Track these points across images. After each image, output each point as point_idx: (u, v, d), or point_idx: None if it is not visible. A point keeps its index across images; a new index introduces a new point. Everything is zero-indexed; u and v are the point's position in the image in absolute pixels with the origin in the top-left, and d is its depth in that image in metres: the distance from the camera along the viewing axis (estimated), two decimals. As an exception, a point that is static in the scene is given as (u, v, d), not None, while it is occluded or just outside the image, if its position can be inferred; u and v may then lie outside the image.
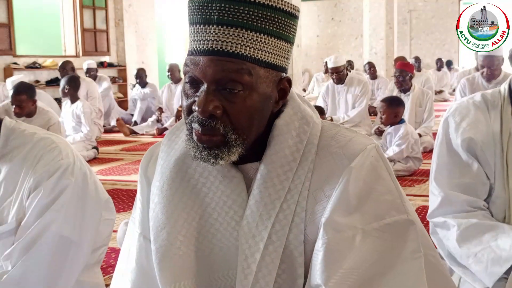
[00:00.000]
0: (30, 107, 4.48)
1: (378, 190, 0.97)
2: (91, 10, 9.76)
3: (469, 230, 1.59)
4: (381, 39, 12.81)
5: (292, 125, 1.01)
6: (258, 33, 0.92)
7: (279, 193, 0.97)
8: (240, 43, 0.91)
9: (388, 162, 1.03)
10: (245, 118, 0.94)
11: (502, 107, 1.68)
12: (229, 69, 0.91)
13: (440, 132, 1.76)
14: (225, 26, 0.91)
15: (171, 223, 1.01)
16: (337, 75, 6.26)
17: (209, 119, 0.92)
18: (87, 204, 1.61)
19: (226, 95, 0.93)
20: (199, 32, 0.93)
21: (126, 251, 1.13)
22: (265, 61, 0.94)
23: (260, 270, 0.96)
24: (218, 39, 0.91)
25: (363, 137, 1.03)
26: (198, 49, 0.93)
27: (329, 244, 0.93)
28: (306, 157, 0.99)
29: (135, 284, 1.06)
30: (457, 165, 1.69)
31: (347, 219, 0.94)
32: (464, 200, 1.66)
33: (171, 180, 1.03)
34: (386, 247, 0.94)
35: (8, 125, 1.62)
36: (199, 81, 0.94)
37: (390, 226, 0.95)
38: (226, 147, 0.94)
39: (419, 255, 0.95)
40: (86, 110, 5.77)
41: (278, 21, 0.94)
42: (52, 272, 1.53)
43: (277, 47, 0.95)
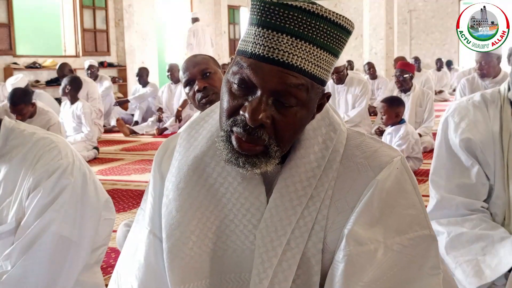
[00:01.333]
0: (29, 111, 4.49)
1: (402, 204, 0.96)
2: (91, 10, 9.76)
3: (458, 239, 1.59)
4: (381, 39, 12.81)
5: (319, 130, 1.00)
6: (323, 49, 0.90)
7: (301, 199, 0.96)
8: (305, 58, 0.89)
9: (413, 175, 1.02)
10: (290, 131, 0.93)
11: (501, 107, 1.68)
12: (291, 83, 0.88)
13: (439, 132, 1.75)
14: (295, 37, 0.88)
15: (185, 223, 0.99)
16: (337, 75, 6.26)
17: (256, 128, 0.89)
18: (87, 204, 1.60)
19: (278, 107, 0.90)
20: (266, 37, 0.88)
21: (132, 247, 1.10)
22: (320, 78, 0.92)
23: (276, 276, 0.95)
24: (287, 51, 0.88)
25: (388, 149, 1.01)
26: (262, 55, 0.88)
27: (351, 256, 0.92)
28: (331, 165, 0.98)
29: (142, 282, 1.04)
30: (457, 166, 1.68)
31: (369, 232, 0.93)
32: (460, 202, 1.65)
33: (188, 177, 1.01)
34: (406, 261, 0.94)
35: (8, 125, 1.62)
36: (252, 86, 0.90)
37: (412, 241, 0.95)
38: (266, 157, 0.92)
39: (438, 271, 0.95)
40: (86, 111, 5.76)
41: (338, 38, 0.92)
42: (51, 271, 1.53)
43: (331, 64, 0.93)
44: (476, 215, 1.63)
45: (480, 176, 1.65)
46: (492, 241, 1.54)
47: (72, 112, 5.82)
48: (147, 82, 8.24)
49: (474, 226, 1.60)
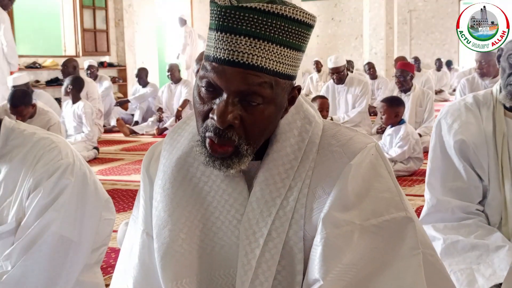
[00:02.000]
0: (30, 112, 4.49)
1: (377, 188, 0.98)
2: (91, 10, 9.76)
3: (453, 246, 1.59)
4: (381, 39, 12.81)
5: (294, 124, 1.02)
6: (283, 46, 0.92)
7: (280, 191, 0.99)
8: (265, 56, 0.91)
9: (388, 161, 1.04)
10: (259, 128, 0.96)
11: (494, 107, 1.68)
12: (253, 83, 0.91)
13: (433, 135, 1.76)
14: (253, 38, 0.90)
15: (173, 221, 1.02)
16: (338, 75, 6.25)
17: (226, 129, 0.93)
18: (87, 204, 1.61)
19: (245, 106, 0.93)
20: (225, 40, 0.91)
21: (128, 248, 1.13)
22: (285, 74, 0.95)
23: (260, 266, 0.97)
24: (246, 52, 0.90)
25: (363, 136, 1.04)
26: (223, 58, 0.91)
27: (328, 239, 0.94)
28: (307, 156, 1.00)
29: (137, 281, 1.07)
30: (450, 169, 1.68)
31: (345, 215, 0.95)
32: (456, 206, 1.65)
33: (173, 178, 1.04)
34: (384, 243, 0.95)
35: (8, 125, 1.62)
36: (218, 89, 0.93)
37: (388, 223, 0.96)
38: (238, 157, 0.96)
39: (417, 252, 0.96)
40: (87, 111, 5.76)
41: (299, 33, 0.94)
42: (52, 272, 1.53)
43: (295, 58, 0.96)
44: (472, 220, 1.63)
45: (472, 179, 1.65)
46: (487, 250, 1.54)
47: (73, 111, 5.81)
48: (147, 83, 8.24)
49: (470, 233, 1.60)
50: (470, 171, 1.65)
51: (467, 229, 1.61)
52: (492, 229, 1.61)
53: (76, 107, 5.82)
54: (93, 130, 5.79)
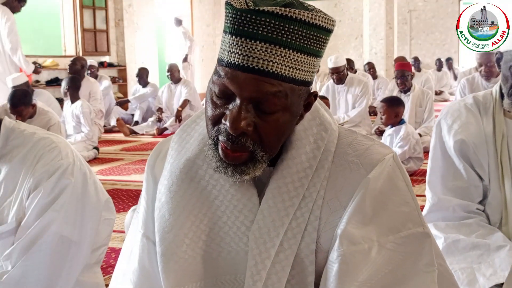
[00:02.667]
0: (29, 112, 4.49)
1: (395, 201, 0.96)
2: (91, 10, 9.75)
3: (454, 245, 1.60)
4: (381, 39, 12.81)
5: (310, 130, 0.99)
6: (300, 52, 0.88)
7: (293, 200, 0.96)
8: (281, 63, 0.87)
9: (405, 172, 1.02)
10: (274, 136, 0.92)
11: (494, 108, 1.69)
12: (267, 91, 0.88)
13: (433, 135, 1.77)
14: (269, 43, 0.86)
15: (178, 225, 0.99)
16: (337, 75, 6.25)
17: (239, 135, 0.90)
18: (87, 204, 1.60)
19: (260, 113, 0.90)
20: (240, 45, 0.87)
21: (127, 251, 1.12)
22: (301, 80, 0.91)
23: (270, 277, 0.95)
24: (261, 58, 0.86)
25: (380, 146, 1.01)
26: (237, 63, 0.87)
27: (345, 256, 0.92)
28: (323, 165, 0.98)
29: (137, 286, 1.05)
30: (450, 169, 1.69)
31: (363, 231, 0.93)
32: (457, 204, 1.65)
33: (180, 180, 1.01)
34: (400, 259, 0.94)
35: (8, 125, 1.62)
36: (231, 94, 0.90)
37: (406, 239, 0.94)
38: (252, 162, 0.92)
39: (432, 268, 0.95)
40: (85, 110, 5.75)
41: (317, 38, 0.90)
42: (52, 272, 1.53)
43: (312, 65, 0.92)
44: (473, 219, 1.64)
45: (472, 178, 1.66)
46: (488, 250, 1.54)
47: (72, 111, 5.81)
48: (147, 82, 8.24)
49: (471, 232, 1.60)
50: (470, 170, 1.65)
51: (468, 228, 1.61)
52: (493, 229, 1.61)
53: (74, 107, 5.81)
54: (93, 130, 5.78)
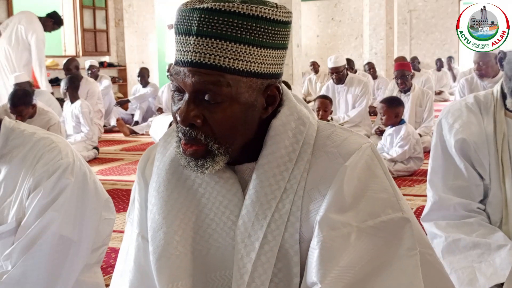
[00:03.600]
0: (30, 112, 4.49)
1: (373, 188, 0.98)
2: (91, 10, 9.76)
3: (455, 244, 1.60)
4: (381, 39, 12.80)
5: (288, 125, 1.01)
6: (238, 43, 0.91)
7: (275, 193, 0.98)
8: (219, 54, 0.91)
9: (383, 161, 1.04)
10: (226, 127, 0.95)
11: (495, 108, 1.69)
12: (207, 81, 0.92)
13: (434, 134, 1.77)
14: (204, 37, 0.91)
15: (167, 224, 1.01)
16: (337, 75, 6.25)
17: (190, 128, 0.94)
18: (87, 204, 1.61)
19: (207, 105, 0.94)
20: (180, 42, 0.94)
21: (124, 251, 1.13)
22: (247, 71, 0.93)
23: (256, 270, 0.97)
24: (197, 51, 0.91)
25: (358, 137, 1.03)
26: (179, 59, 0.94)
27: (325, 241, 0.93)
28: (302, 157, 1.00)
29: (133, 284, 1.06)
30: (451, 168, 1.69)
31: (342, 217, 0.94)
32: (458, 203, 1.66)
33: (167, 181, 1.04)
34: (381, 244, 0.95)
35: (8, 125, 1.62)
36: (182, 91, 0.96)
37: (385, 224, 0.96)
38: (210, 156, 0.96)
39: (414, 252, 0.96)
40: (84, 110, 5.75)
41: (260, 30, 0.92)
42: (52, 272, 1.53)
43: (261, 56, 0.93)
44: (474, 218, 1.64)
45: (473, 177, 1.66)
46: (489, 249, 1.54)
47: (71, 111, 5.81)
48: (147, 82, 8.24)
49: (472, 231, 1.60)
50: (471, 169, 1.66)
51: (469, 228, 1.61)
52: (494, 228, 1.61)
53: (73, 107, 5.81)
54: (92, 129, 5.78)
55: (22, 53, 6.64)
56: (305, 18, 14.94)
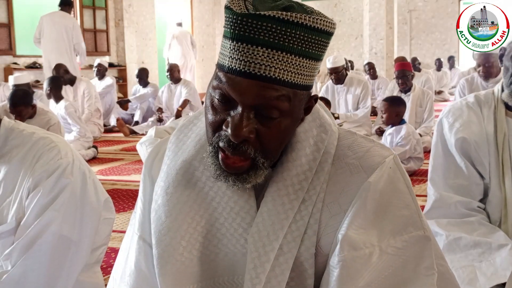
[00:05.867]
0: (29, 113, 4.49)
1: (396, 205, 0.95)
2: (91, 10, 9.76)
3: (456, 243, 1.60)
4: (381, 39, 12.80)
5: (310, 132, 0.98)
6: (302, 57, 0.87)
7: (293, 203, 0.95)
8: (284, 68, 0.86)
9: (406, 173, 1.01)
10: (277, 142, 0.91)
11: (495, 107, 1.69)
12: (270, 97, 0.86)
13: (435, 133, 1.77)
14: (271, 49, 0.85)
15: (174, 228, 0.99)
16: (336, 75, 6.26)
17: (241, 143, 0.88)
18: (87, 204, 1.60)
19: (261, 119, 0.89)
20: (241, 50, 0.85)
21: (124, 253, 1.11)
22: (303, 85, 0.90)
23: (269, 281, 0.94)
24: (263, 63, 0.85)
25: (380, 148, 1.00)
26: (239, 69, 0.86)
27: (346, 261, 0.91)
28: (322, 167, 0.97)
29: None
30: (452, 166, 1.70)
31: (364, 236, 0.92)
32: (458, 201, 1.66)
33: (177, 182, 1.00)
34: (401, 263, 0.93)
35: (7, 125, 1.62)
36: (233, 101, 0.88)
37: (406, 243, 0.94)
38: (253, 170, 0.91)
39: (432, 272, 0.95)
40: (69, 111, 5.74)
41: (318, 42, 0.88)
42: (51, 271, 1.52)
43: (313, 69, 0.91)
44: (474, 217, 1.64)
45: (473, 176, 1.66)
46: (490, 248, 1.55)
47: (57, 113, 5.81)
48: (147, 83, 8.24)
49: (473, 230, 1.61)
50: (471, 168, 1.66)
51: (470, 226, 1.61)
52: (495, 228, 1.62)
53: (58, 108, 5.80)
54: (84, 127, 5.76)
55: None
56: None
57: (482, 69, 4.58)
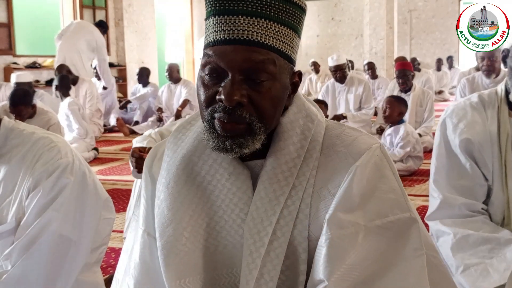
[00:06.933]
0: (29, 112, 4.49)
1: (382, 189, 0.98)
2: (91, 10, 9.75)
3: (465, 240, 1.60)
4: (381, 39, 12.80)
5: (296, 122, 1.02)
6: (280, 24, 0.95)
7: (283, 189, 0.98)
8: (265, 33, 0.93)
9: (392, 162, 1.04)
10: (269, 106, 0.96)
11: (499, 108, 1.68)
12: (255, 59, 0.93)
13: (438, 133, 1.76)
14: (251, 16, 0.93)
15: (176, 220, 1.01)
16: (340, 72, 6.26)
17: (235, 107, 0.93)
18: (86, 203, 1.60)
19: (251, 84, 0.94)
20: (223, 22, 0.94)
21: (129, 249, 1.12)
22: (285, 53, 0.96)
23: (265, 265, 0.97)
24: (245, 29, 0.93)
25: (368, 137, 1.04)
26: (223, 39, 0.93)
27: (332, 240, 0.94)
28: (311, 154, 1.01)
29: (138, 281, 1.05)
30: (456, 167, 1.69)
31: (350, 216, 0.95)
32: (463, 203, 1.65)
33: (177, 177, 1.04)
34: (388, 244, 0.95)
35: (7, 125, 1.62)
36: (222, 72, 0.94)
37: (392, 224, 0.96)
38: (251, 135, 0.95)
39: (421, 252, 0.96)
40: (73, 108, 5.73)
41: (294, 14, 0.97)
42: (51, 271, 1.53)
43: (293, 40, 0.98)
44: (478, 217, 1.64)
45: (478, 178, 1.66)
46: (499, 243, 1.54)
47: (62, 111, 5.80)
48: (147, 82, 8.24)
49: (478, 229, 1.60)
50: (476, 169, 1.65)
51: (475, 225, 1.61)
52: (498, 227, 1.62)
53: (63, 106, 5.80)
54: (84, 127, 5.75)
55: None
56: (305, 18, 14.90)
57: (487, 62, 4.54)
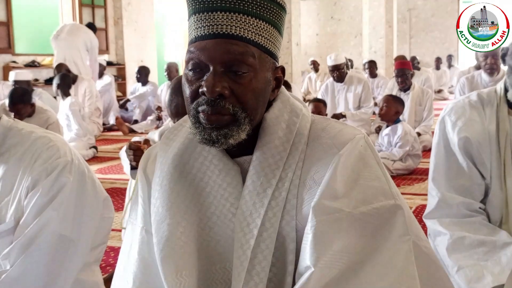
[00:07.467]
0: (28, 111, 4.49)
1: (366, 177, 1.00)
2: (90, 8, 9.74)
3: (461, 241, 1.60)
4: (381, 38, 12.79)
5: (282, 117, 1.05)
6: (258, 19, 0.99)
7: (270, 182, 1.01)
8: (243, 27, 0.97)
9: (376, 152, 1.06)
10: (252, 98, 0.99)
11: (498, 106, 1.68)
12: (235, 52, 0.96)
13: (437, 132, 1.76)
14: (230, 12, 0.97)
15: (170, 215, 1.04)
16: (338, 72, 6.26)
17: (218, 99, 0.96)
18: (86, 203, 1.60)
19: (233, 77, 0.97)
20: (203, 19, 0.98)
21: (127, 248, 1.14)
22: (264, 47, 1.00)
23: (256, 257, 0.99)
24: (224, 24, 0.96)
25: (352, 129, 1.07)
26: (203, 34, 0.98)
27: (318, 226, 0.95)
28: (296, 147, 1.03)
29: (136, 276, 1.07)
30: (454, 166, 1.69)
31: (334, 203, 0.96)
32: (461, 202, 1.65)
33: (169, 175, 1.07)
34: (373, 231, 0.96)
35: (6, 124, 1.62)
36: (204, 67, 0.98)
37: (377, 210, 0.97)
38: (236, 125, 0.98)
39: (407, 238, 0.97)
40: (73, 108, 5.73)
41: (272, 10, 1.00)
42: (50, 270, 1.52)
43: (273, 35, 1.01)
44: (476, 218, 1.64)
45: (475, 176, 1.66)
46: (494, 247, 1.54)
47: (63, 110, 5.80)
48: (147, 81, 8.23)
49: (476, 231, 1.60)
50: (473, 169, 1.66)
51: (472, 227, 1.61)
52: (496, 228, 1.62)
53: (64, 105, 5.79)
54: (84, 128, 5.74)
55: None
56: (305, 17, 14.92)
57: (490, 61, 4.52)
